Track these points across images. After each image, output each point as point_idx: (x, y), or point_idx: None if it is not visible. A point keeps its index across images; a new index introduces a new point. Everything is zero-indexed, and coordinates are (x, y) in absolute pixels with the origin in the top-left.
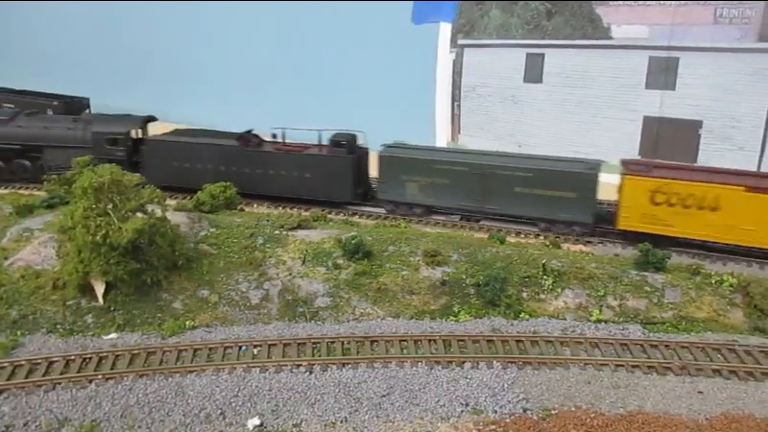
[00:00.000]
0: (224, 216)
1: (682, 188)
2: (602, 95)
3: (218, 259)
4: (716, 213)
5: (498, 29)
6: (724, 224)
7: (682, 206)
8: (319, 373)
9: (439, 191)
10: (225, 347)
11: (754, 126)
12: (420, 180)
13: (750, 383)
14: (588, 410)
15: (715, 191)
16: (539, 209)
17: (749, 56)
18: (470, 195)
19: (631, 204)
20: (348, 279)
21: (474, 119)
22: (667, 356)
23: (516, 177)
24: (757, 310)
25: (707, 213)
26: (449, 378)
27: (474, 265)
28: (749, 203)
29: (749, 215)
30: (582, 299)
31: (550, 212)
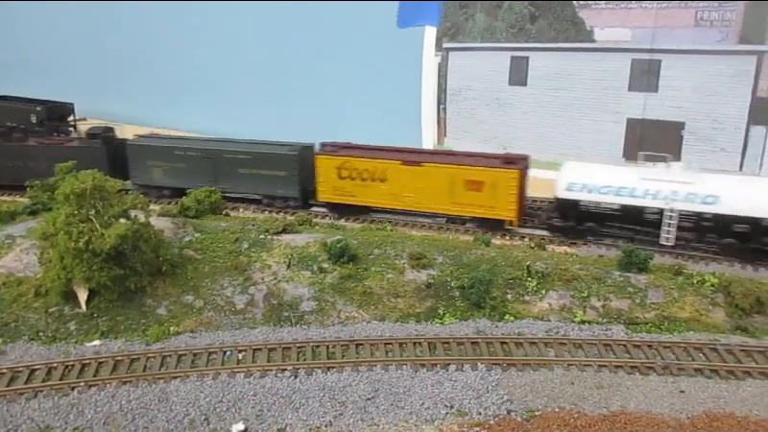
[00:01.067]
0: (209, 221)
1: (358, 164)
2: (586, 97)
3: (203, 264)
4: (385, 184)
5: (483, 32)
6: (390, 192)
7: (360, 180)
8: (304, 378)
9: (179, 174)
10: (209, 352)
11: (735, 127)
12: (163, 165)
13: (731, 382)
14: (572, 410)
15: (382, 166)
16: (259, 187)
17: (730, 58)
18: (205, 177)
19: (324, 179)
20: (333, 283)
21: (460, 122)
22: (650, 356)
23: (239, 159)
24: (739, 309)
25: (378, 184)
26: (434, 381)
27: (459, 267)
28: (405, 174)
29: (406, 184)
30: (566, 300)
31: (269, 189)
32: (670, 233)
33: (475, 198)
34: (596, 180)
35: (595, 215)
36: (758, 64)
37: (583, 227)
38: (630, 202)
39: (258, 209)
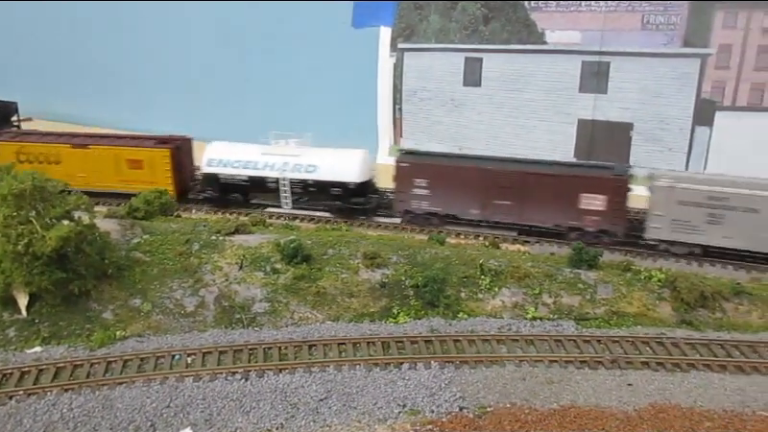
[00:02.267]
0: (159, 222)
1: (34, 149)
2: (538, 98)
3: (151, 267)
4: (60, 166)
5: (437, 33)
6: (66, 173)
7: (38, 163)
8: (255, 380)
9: None
10: (157, 356)
11: (681, 128)
12: None
13: (676, 374)
14: (523, 406)
15: (55, 149)
16: None
17: (675, 60)
18: None
19: None
20: (286, 284)
21: (416, 123)
22: (599, 351)
23: None
24: (684, 304)
25: (54, 167)
26: (387, 380)
27: (414, 266)
28: (76, 156)
29: (78, 165)
30: (518, 297)
31: None
32: (287, 198)
33: (138, 175)
34: (230, 155)
35: (232, 186)
36: (702, 67)
37: (229, 197)
38: (254, 173)
39: (211, 210)
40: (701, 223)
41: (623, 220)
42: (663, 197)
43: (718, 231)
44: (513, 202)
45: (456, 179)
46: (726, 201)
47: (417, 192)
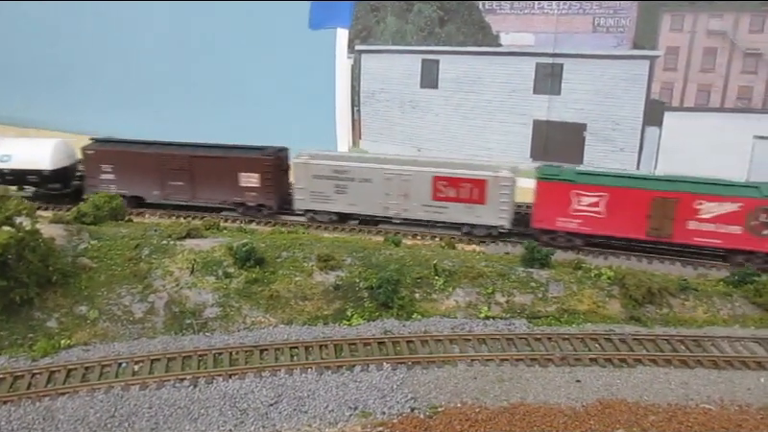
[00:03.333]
0: (108, 227)
1: None
2: (494, 100)
3: (99, 273)
4: None
5: (394, 35)
6: None
7: None
8: (204, 387)
9: None
10: (102, 365)
11: (632, 128)
12: None
13: (623, 369)
14: (474, 405)
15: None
16: None
17: (625, 62)
18: None
19: None
20: (239, 288)
21: (375, 124)
22: (549, 348)
23: None
24: (632, 300)
25: None
26: (339, 383)
27: (368, 268)
28: None
29: None
30: (472, 297)
31: None
32: None
33: None
34: None
35: None
36: (651, 68)
37: None
38: None
39: (165, 214)
40: (331, 193)
41: (276, 194)
42: (302, 172)
43: (345, 199)
44: (184, 182)
45: (137, 163)
46: (347, 173)
47: (104, 177)
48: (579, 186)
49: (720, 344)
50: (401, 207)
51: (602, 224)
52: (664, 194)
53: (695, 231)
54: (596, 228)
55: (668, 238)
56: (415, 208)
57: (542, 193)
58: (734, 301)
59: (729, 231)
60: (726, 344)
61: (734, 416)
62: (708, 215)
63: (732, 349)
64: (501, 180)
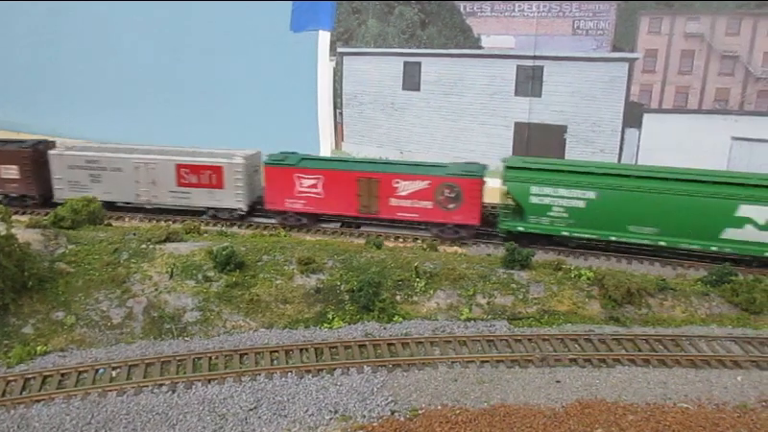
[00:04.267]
0: (86, 231)
1: None
2: (476, 102)
3: (76, 278)
4: None
5: (376, 37)
6: None
7: None
8: (182, 392)
9: None
10: (79, 371)
11: (612, 130)
12: None
13: (603, 369)
14: (454, 407)
15: None
16: None
17: (604, 65)
18: None
19: None
20: (218, 292)
21: (357, 127)
22: (529, 349)
23: None
24: (612, 301)
25: None
26: (319, 386)
27: (349, 271)
28: None
29: None
30: (453, 298)
31: None
32: None
33: None
34: None
35: None
36: (630, 71)
37: None
38: None
39: (145, 218)
40: (87, 182)
41: (36, 185)
42: (58, 163)
43: (100, 188)
44: None
45: None
46: (99, 163)
47: None
48: (299, 170)
49: (698, 343)
50: (151, 194)
51: (322, 203)
52: (368, 175)
53: (397, 207)
54: (318, 207)
55: (376, 214)
56: (163, 195)
57: (270, 177)
58: (712, 301)
59: (422, 206)
60: (703, 343)
61: (711, 414)
62: (405, 192)
63: (710, 348)
64: (235, 166)
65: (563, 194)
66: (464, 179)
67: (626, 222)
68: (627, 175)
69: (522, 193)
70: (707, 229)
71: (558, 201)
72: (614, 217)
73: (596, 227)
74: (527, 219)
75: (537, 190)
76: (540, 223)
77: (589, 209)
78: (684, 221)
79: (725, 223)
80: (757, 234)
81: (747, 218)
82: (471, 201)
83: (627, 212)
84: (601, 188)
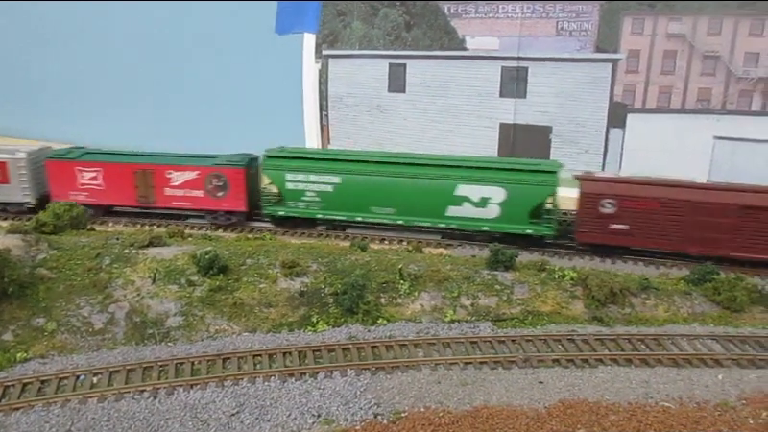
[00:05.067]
0: (69, 237)
1: None
2: (461, 103)
3: (57, 283)
4: None
5: (361, 39)
6: None
7: None
8: (164, 398)
9: None
10: (59, 378)
11: (596, 130)
12: None
13: (585, 370)
14: (437, 409)
15: None
16: None
17: (588, 65)
18: None
19: None
20: (202, 296)
21: (343, 128)
22: (513, 350)
23: None
24: (595, 300)
25: None
26: (302, 390)
27: (334, 274)
28: None
29: None
30: (437, 300)
31: None
32: None
33: None
34: None
35: None
36: (613, 71)
37: None
38: None
39: (129, 222)
40: None
41: None
42: None
43: None
44: None
45: None
46: None
47: None
48: (81, 164)
49: (680, 342)
50: None
51: (103, 194)
52: (143, 166)
53: (172, 197)
54: (100, 198)
55: (154, 204)
56: None
57: (53, 172)
58: (694, 300)
59: (194, 195)
60: (685, 342)
61: (693, 413)
62: (178, 182)
63: (692, 347)
64: (18, 161)
65: (313, 180)
66: (229, 168)
67: (369, 203)
68: (367, 161)
69: (279, 180)
70: (434, 208)
71: (310, 186)
72: (358, 199)
73: (344, 209)
74: (286, 204)
75: (291, 177)
76: (298, 207)
77: (337, 193)
78: (416, 201)
79: (447, 202)
80: (475, 211)
81: (464, 197)
82: (236, 188)
83: (368, 195)
84: (345, 173)
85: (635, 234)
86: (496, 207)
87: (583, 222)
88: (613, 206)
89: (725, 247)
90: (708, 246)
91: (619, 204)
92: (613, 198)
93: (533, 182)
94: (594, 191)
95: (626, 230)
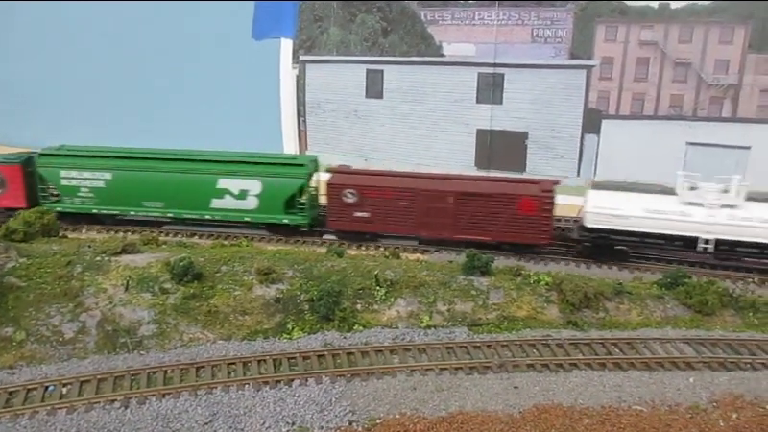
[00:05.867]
0: (39, 244)
1: None
2: (438, 109)
3: (27, 292)
4: None
5: (338, 45)
6: None
7: None
8: (135, 407)
9: None
10: (28, 389)
11: (571, 136)
12: None
13: (560, 374)
14: (412, 415)
15: None
16: None
17: (562, 72)
18: None
19: None
20: (176, 304)
21: (321, 134)
22: (488, 356)
23: None
24: (570, 305)
25: None
26: (277, 398)
27: (310, 280)
28: None
29: None
30: (413, 306)
31: None
32: None
33: None
34: None
35: None
36: (587, 78)
37: None
38: None
39: (103, 230)
40: None
41: None
42: None
43: None
44: None
45: None
46: None
47: None
48: None
49: (652, 345)
50: None
51: None
52: None
53: None
54: None
55: None
56: None
57: None
58: (667, 303)
59: None
60: (658, 345)
61: (665, 416)
62: None
63: (664, 351)
64: None
65: (86, 176)
66: (5, 166)
67: (140, 198)
68: (136, 157)
69: (54, 177)
70: (199, 201)
71: (83, 182)
72: (130, 194)
73: (118, 203)
74: (63, 200)
75: (65, 174)
76: (74, 203)
77: (109, 189)
78: (183, 195)
79: (211, 194)
80: (236, 203)
81: (225, 189)
82: (15, 186)
83: (139, 190)
84: (115, 170)
85: (375, 221)
86: (254, 199)
87: (332, 211)
88: (355, 196)
89: (449, 230)
90: (436, 230)
91: (359, 193)
92: (354, 188)
93: (285, 175)
94: (338, 182)
95: (367, 218)
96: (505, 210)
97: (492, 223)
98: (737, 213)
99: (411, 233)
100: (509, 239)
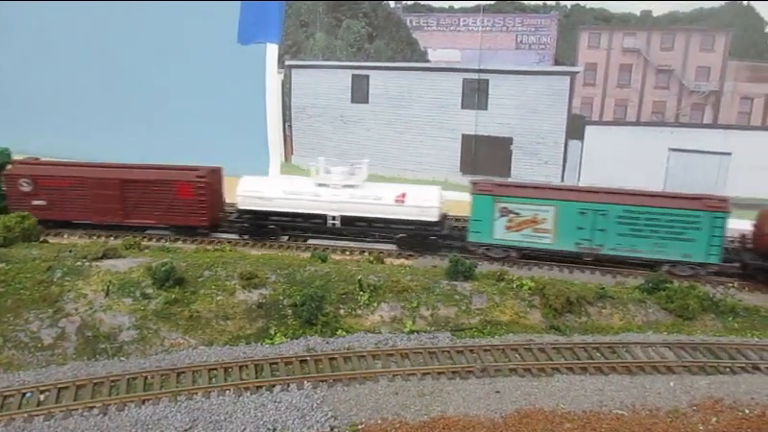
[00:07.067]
0: (19, 249)
1: None
2: (424, 115)
3: (5, 298)
4: None
5: (324, 50)
6: None
7: None
8: (114, 414)
9: None
10: (4, 396)
11: (555, 142)
12: None
13: (542, 378)
14: (394, 420)
15: None
16: None
17: (547, 78)
18: None
19: None
20: (157, 309)
21: (306, 139)
22: (471, 360)
23: None
24: (552, 310)
25: None
26: (258, 404)
27: (293, 285)
28: None
29: None
30: (397, 311)
31: None
32: None
33: None
34: None
35: None
36: (571, 84)
37: None
38: None
39: (85, 234)
40: None
41: None
42: None
43: None
44: None
45: None
46: None
47: None
48: None
49: (633, 350)
50: None
51: None
52: None
53: None
54: None
55: None
56: None
57: None
58: (648, 308)
59: None
60: (639, 349)
61: (645, 420)
62: None
63: (645, 355)
64: None
65: None
66: None
67: None
68: None
69: None
70: None
71: None
72: None
73: None
74: None
75: None
76: None
77: None
78: None
79: None
80: None
81: None
82: None
83: None
84: None
85: (52, 208)
86: None
87: (11, 200)
88: (30, 185)
89: (119, 215)
90: (107, 215)
91: (34, 182)
92: (29, 178)
93: None
94: (15, 173)
95: (44, 206)
96: (166, 195)
97: (157, 207)
98: (357, 192)
99: (85, 219)
100: (173, 222)
